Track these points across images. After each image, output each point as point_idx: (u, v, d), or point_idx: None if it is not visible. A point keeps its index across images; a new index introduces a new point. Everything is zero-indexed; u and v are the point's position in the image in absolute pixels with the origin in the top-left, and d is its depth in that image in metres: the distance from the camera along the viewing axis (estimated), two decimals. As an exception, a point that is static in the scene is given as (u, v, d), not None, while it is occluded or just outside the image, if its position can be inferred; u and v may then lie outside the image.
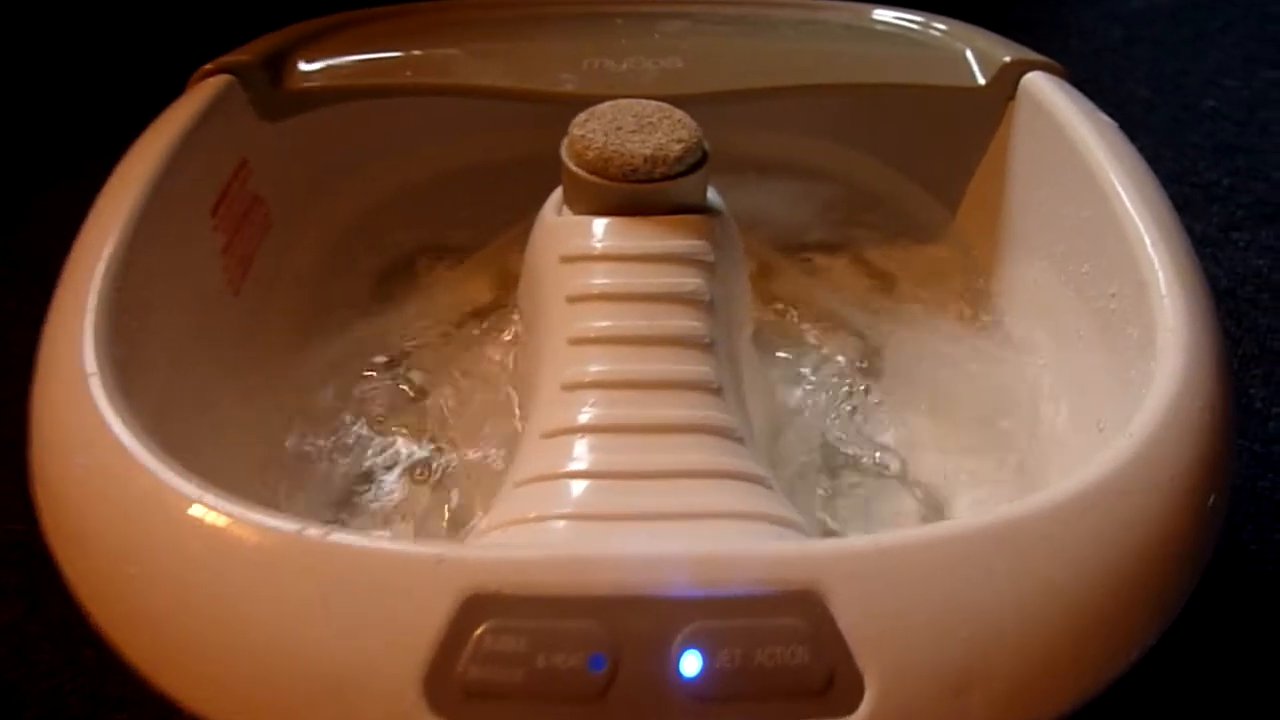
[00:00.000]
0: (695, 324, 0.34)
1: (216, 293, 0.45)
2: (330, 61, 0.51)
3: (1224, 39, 1.02)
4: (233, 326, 0.45)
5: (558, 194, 0.39)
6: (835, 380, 0.48)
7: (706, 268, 0.36)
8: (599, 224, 0.37)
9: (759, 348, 0.47)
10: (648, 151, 0.36)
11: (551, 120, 0.41)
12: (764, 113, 0.60)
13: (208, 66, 0.48)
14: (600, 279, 0.35)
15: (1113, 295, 0.39)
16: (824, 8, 0.58)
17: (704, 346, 0.34)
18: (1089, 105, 0.47)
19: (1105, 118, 0.45)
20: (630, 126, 0.37)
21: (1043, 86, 0.48)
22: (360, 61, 0.51)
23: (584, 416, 0.32)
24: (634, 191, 0.37)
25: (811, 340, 0.50)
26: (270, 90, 0.49)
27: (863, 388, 0.48)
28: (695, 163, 0.37)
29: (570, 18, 0.57)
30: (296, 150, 0.52)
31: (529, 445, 0.33)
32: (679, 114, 0.39)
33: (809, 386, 0.48)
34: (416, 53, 0.52)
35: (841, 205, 0.60)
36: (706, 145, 0.39)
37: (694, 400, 0.33)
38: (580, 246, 0.36)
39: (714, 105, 0.52)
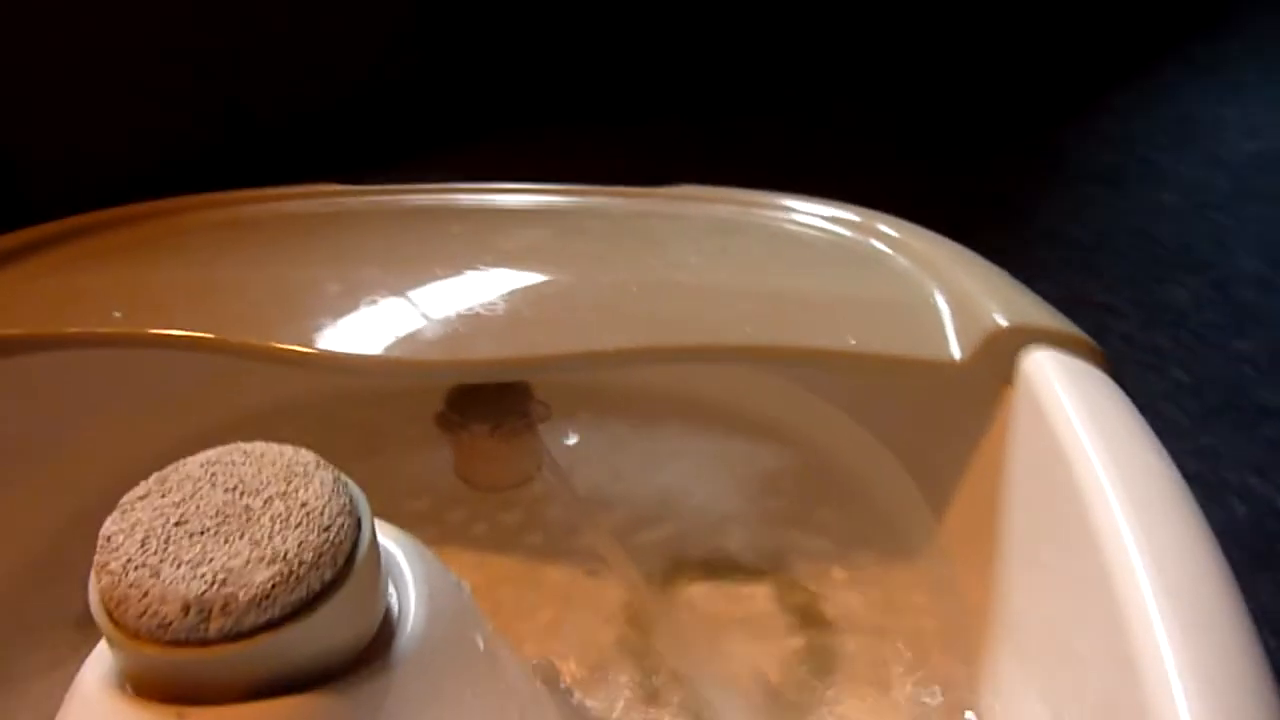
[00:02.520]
0: None
1: None
2: (21, 294, 0.36)
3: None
4: None
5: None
6: None
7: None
8: (100, 717, 0.19)
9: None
10: (194, 590, 0.19)
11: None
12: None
13: None
14: None
15: None
16: (731, 200, 0.40)
17: None
18: (1120, 407, 0.28)
19: (1143, 439, 0.26)
20: (202, 519, 0.20)
21: (1049, 375, 0.29)
22: (67, 294, 0.36)
23: None
24: (167, 661, 0.19)
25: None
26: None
27: None
28: (306, 599, 0.20)
29: (383, 216, 0.41)
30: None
31: None
32: (318, 482, 0.21)
33: None
34: (134, 285, 0.36)
35: (789, 486, 0.42)
36: (362, 545, 0.21)
37: None
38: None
39: (565, 370, 0.35)
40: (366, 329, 0.33)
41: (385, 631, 0.22)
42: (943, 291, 0.33)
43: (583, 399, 0.46)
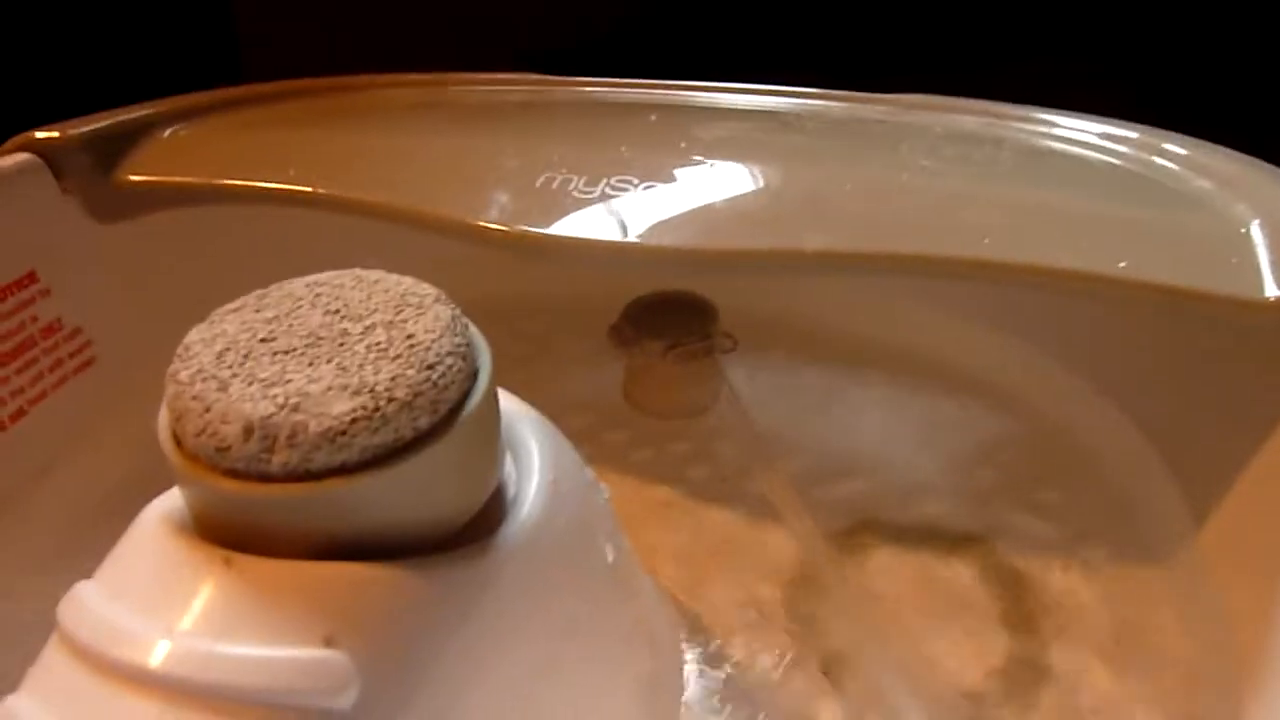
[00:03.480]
0: None
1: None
2: (191, 150, 0.35)
3: None
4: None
5: None
6: None
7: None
8: (149, 554, 0.16)
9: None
10: (259, 412, 0.15)
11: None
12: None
13: (21, 137, 0.34)
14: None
15: None
16: (980, 111, 0.33)
17: None
18: None
19: None
20: (291, 339, 0.17)
21: None
22: (237, 153, 0.35)
23: None
24: (220, 494, 0.16)
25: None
26: (97, 181, 0.34)
27: None
28: (394, 446, 0.16)
29: (574, 105, 0.37)
30: (135, 267, 0.36)
31: None
32: (432, 317, 0.17)
33: None
34: (319, 150, 0.34)
35: (1008, 459, 0.35)
36: (477, 396, 0.17)
37: None
38: (70, 607, 0.16)
39: (763, 270, 0.30)
40: (546, 207, 0.30)
41: (492, 512, 0.18)
42: (1260, 218, 0.26)
43: (776, 335, 0.41)
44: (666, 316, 0.37)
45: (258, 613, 0.15)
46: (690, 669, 0.28)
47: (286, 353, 0.16)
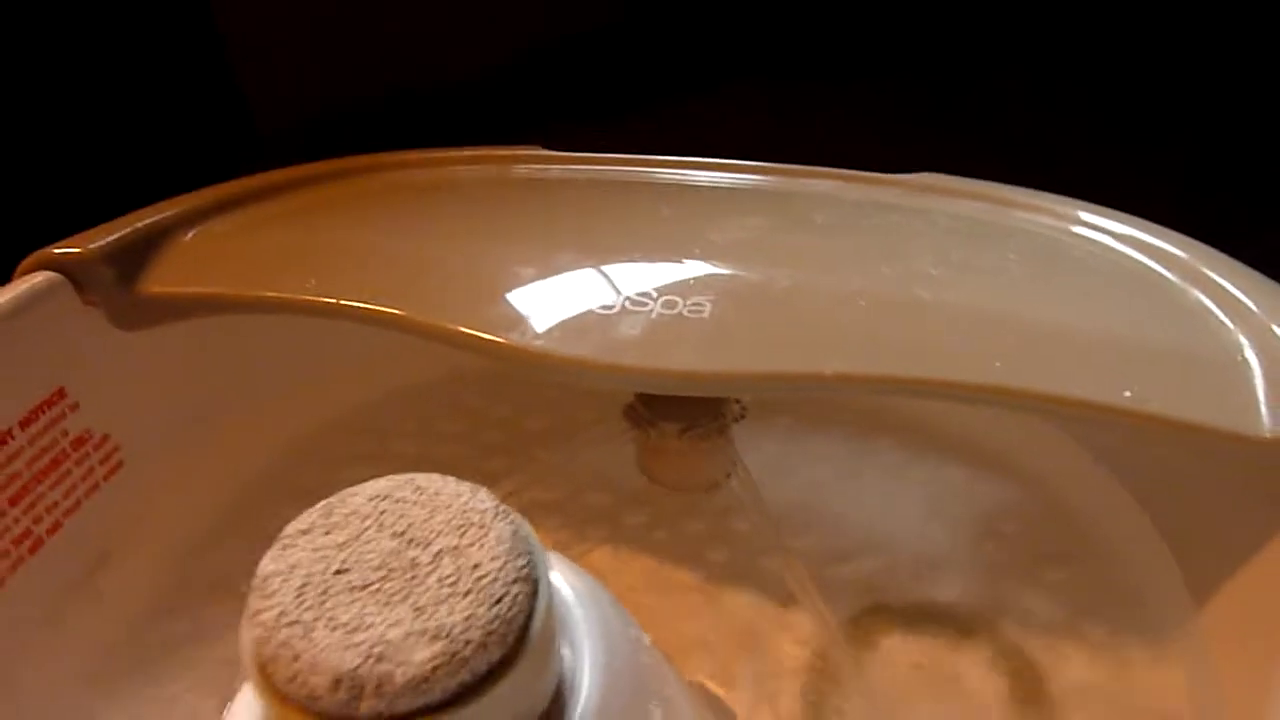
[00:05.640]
0: None
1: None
2: (212, 254, 0.35)
3: None
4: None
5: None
6: None
7: None
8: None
9: None
10: (347, 663, 0.16)
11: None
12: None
13: (38, 255, 0.34)
14: None
15: None
16: (986, 198, 0.34)
17: None
18: None
19: None
20: (365, 570, 0.18)
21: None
22: (257, 256, 0.35)
23: None
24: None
25: None
26: (119, 292, 0.34)
27: None
28: (472, 683, 0.17)
29: (585, 191, 0.38)
30: (160, 373, 0.37)
31: None
32: (494, 539, 0.18)
33: None
34: (339, 246, 0.35)
35: (1013, 530, 0.36)
36: (538, 616, 0.18)
37: None
38: None
39: (773, 391, 0.32)
40: (560, 322, 0.30)
41: (555, 703, 0.19)
42: (1255, 346, 0.27)
43: (784, 405, 0.42)
44: (679, 398, 0.38)
45: None
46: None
47: (363, 588, 0.17)
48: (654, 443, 0.39)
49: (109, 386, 0.35)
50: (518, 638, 0.18)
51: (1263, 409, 0.25)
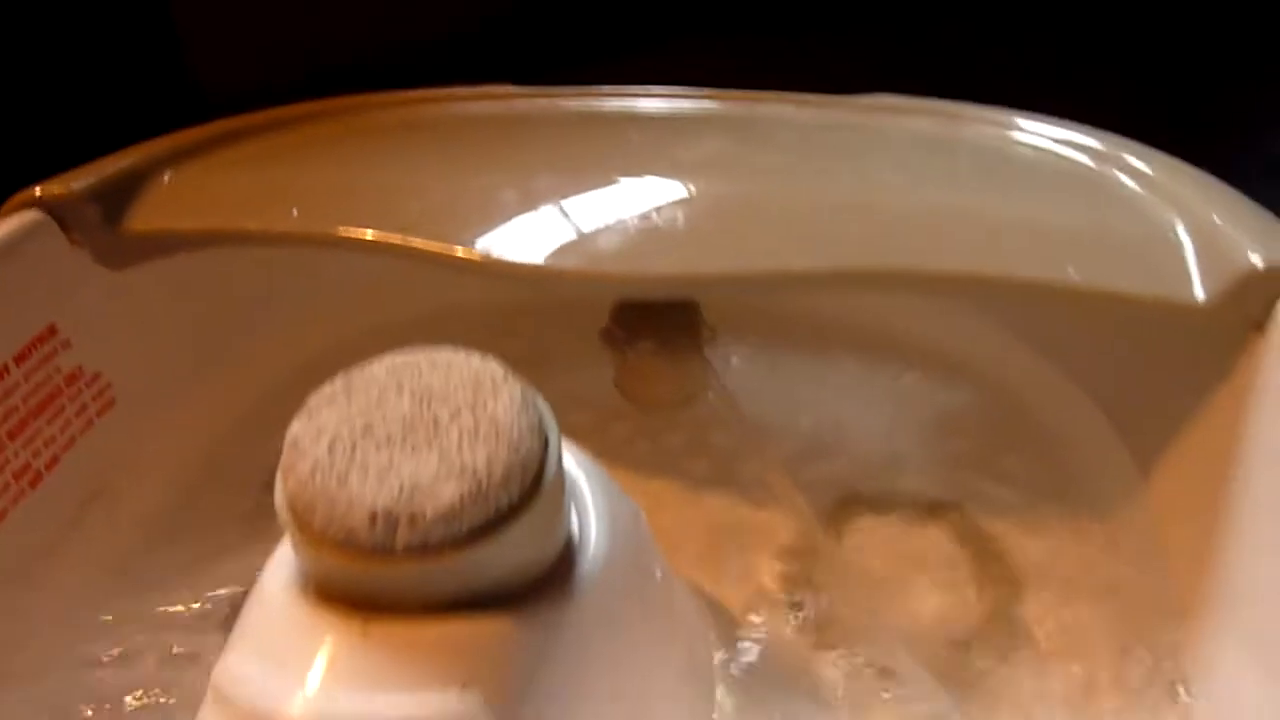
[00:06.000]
0: None
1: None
2: (195, 191, 0.36)
3: None
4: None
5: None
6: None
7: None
8: (287, 626, 0.19)
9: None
10: (381, 501, 0.18)
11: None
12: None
13: (22, 195, 0.35)
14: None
15: None
16: (938, 113, 0.36)
17: None
18: None
19: None
20: (389, 426, 0.19)
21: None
22: (240, 192, 0.36)
23: None
24: (351, 572, 0.18)
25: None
26: (104, 231, 0.35)
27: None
28: (493, 518, 0.19)
29: (556, 122, 0.39)
30: (147, 310, 0.38)
31: None
32: (507, 396, 0.20)
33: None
34: (321, 181, 0.36)
35: (971, 427, 0.39)
36: (549, 465, 0.20)
37: None
38: (226, 678, 0.19)
39: (746, 291, 0.33)
40: (542, 237, 0.32)
41: (566, 555, 0.21)
42: (1187, 225, 0.29)
43: (750, 323, 0.44)
44: (654, 317, 0.40)
45: (400, 668, 0.18)
46: (712, 645, 0.31)
47: (388, 442, 0.19)
48: (631, 362, 0.41)
49: (98, 325, 0.36)
50: (534, 479, 0.19)
51: (1195, 280, 0.28)
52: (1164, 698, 0.28)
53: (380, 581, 0.18)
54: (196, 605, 0.35)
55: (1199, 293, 0.27)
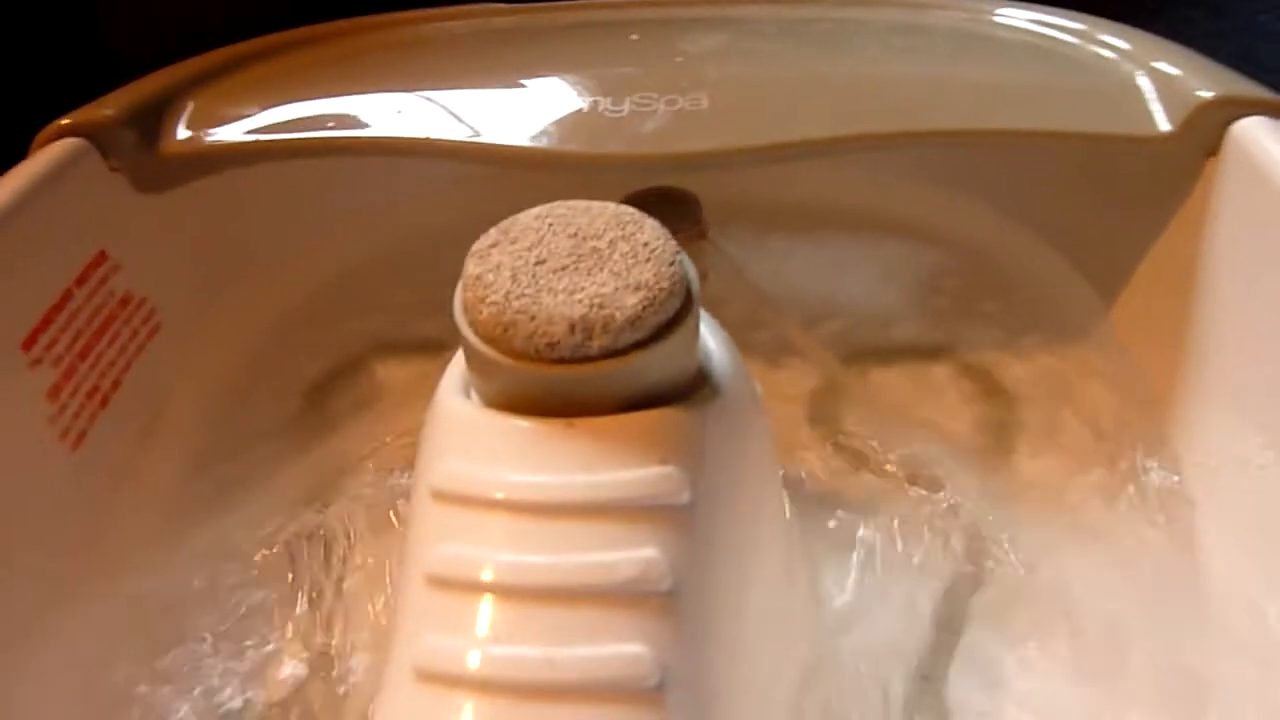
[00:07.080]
0: (635, 651, 0.19)
1: (38, 449, 0.32)
2: (224, 112, 0.37)
3: None
4: (64, 498, 0.32)
5: (459, 361, 0.24)
6: (918, 590, 0.32)
7: (673, 521, 0.21)
8: (495, 433, 0.22)
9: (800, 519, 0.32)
10: (576, 313, 0.21)
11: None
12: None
13: (53, 126, 0.36)
14: (474, 553, 0.20)
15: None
16: (924, 5, 0.41)
17: (649, 698, 0.19)
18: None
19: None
20: (559, 258, 0.22)
21: (1261, 138, 0.31)
22: (266, 110, 0.37)
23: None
24: (553, 378, 0.21)
25: (874, 535, 0.34)
26: (141, 155, 0.36)
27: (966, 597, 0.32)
28: (665, 323, 0.22)
29: (558, 30, 0.42)
30: (186, 231, 0.39)
31: None
32: (649, 227, 0.23)
33: (873, 597, 0.32)
34: (341, 95, 0.38)
35: (952, 284, 0.44)
36: (694, 282, 0.23)
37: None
38: (454, 480, 0.21)
39: (756, 163, 0.37)
40: (561, 127, 0.35)
41: (702, 368, 0.25)
42: (1145, 73, 0.34)
43: (739, 213, 0.47)
44: (660, 209, 0.43)
45: (608, 453, 0.21)
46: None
47: (564, 269, 0.22)
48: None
49: (142, 250, 0.37)
50: (688, 291, 0.23)
51: (1159, 116, 0.33)
52: (1163, 475, 0.34)
53: (577, 386, 0.21)
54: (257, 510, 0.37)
55: (1163, 124, 0.32)
